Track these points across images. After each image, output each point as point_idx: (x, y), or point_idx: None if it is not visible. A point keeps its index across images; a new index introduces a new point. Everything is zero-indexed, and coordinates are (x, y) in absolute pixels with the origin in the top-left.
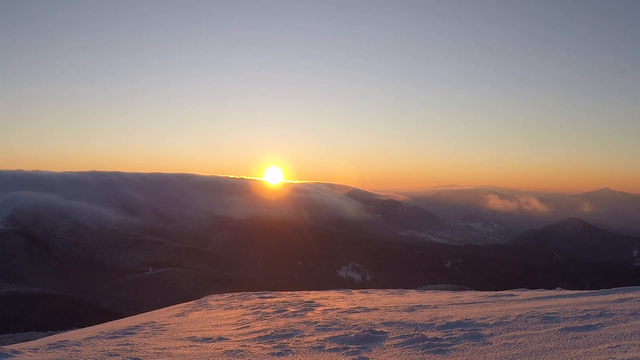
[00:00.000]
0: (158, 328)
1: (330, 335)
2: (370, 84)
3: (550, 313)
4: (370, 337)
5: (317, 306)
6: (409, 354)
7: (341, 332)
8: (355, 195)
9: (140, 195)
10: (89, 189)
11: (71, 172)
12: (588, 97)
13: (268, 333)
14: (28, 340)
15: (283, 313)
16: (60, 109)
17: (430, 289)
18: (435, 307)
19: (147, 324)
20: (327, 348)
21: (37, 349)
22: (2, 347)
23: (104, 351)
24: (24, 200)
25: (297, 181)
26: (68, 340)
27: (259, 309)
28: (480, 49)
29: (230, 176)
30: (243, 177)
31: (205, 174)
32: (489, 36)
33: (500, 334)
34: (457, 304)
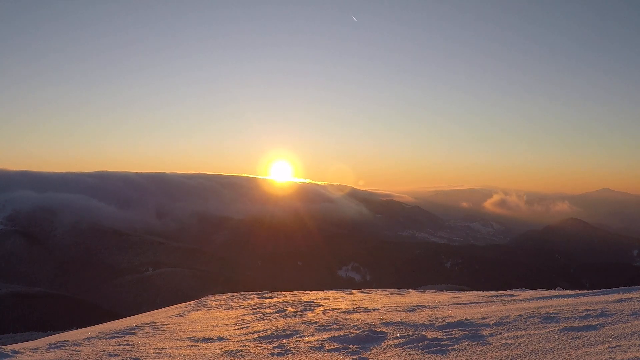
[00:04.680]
0: (158, 328)
1: (330, 335)
2: (372, 85)
3: (550, 313)
4: (370, 337)
5: (317, 306)
6: (409, 354)
7: (341, 332)
8: (356, 195)
9: (141, 195)
10: (90, 189)
11: (72, 172)
12: (587, 97)
13: (268, 333)
14: (28, 341)
15: (283, 313)
16: (62, 109)
17: (430, 289)
18: (435, 307)
19: (147, 324)
20: (327, 348)
21: (37, 349)
22: (2, 347)
23: (104, 351)
24: (25, 200)
25: (297, 180)
26: (68, 341)
27: (259, 309)
28: (480, 51)
29: (231, 174)
30: (244, 175)
31: (206, 172)
32: (489, 38)
33: (500, 334)
34: (457, 304)
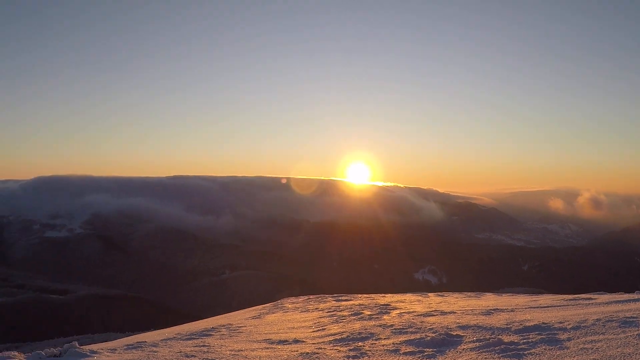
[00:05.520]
0: (234, 330)
1: (406, 339)
2: (451, 84)
3: (629, 317)
4: (446, 341)
5: (393, 309)
6: (485, 357)
7: (417, 336)
8: (431, 196)
9: (218, 199)
10: (167, 193)
11: (149, 177)
12: None
13: (344, 336)
14: (106, 341)
15: (359, 316)
16: (141, 113)
17: (507, 292)
18: (512, 310)
19: (223, 326)
20: (402, 351)
21: (115, 350)
22: (81, 347)
23: (180, 352)
24: (103, 204)
25: (374, 183)
26: (145, 341)
27: (335, 312)
28: (565, 44)
29: (307, 177)
30: (320, 177)
31: (283, 176)
32: (577, 30)
33: (578, 338)
34: (534, 307)
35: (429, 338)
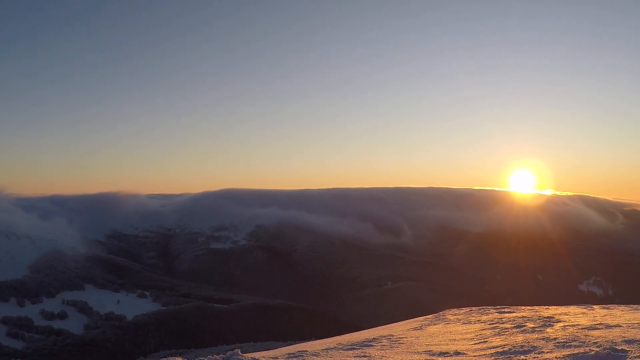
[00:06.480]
0: (395, 341)
1: (569, 353)
2: (615, 87)
3: None
4: (610, 356)
5: (556, 322)
6: None
7: (580, 350)
8: (596, 205)
9: (380, 210)
10: (329, 205)
11: (311, 189)
12: None
13: (505, 349)
14: (268, 350)
15: (522, 328)
16: (301, 129)
17: None
18: None
19: (385, 336)
20: None
21: (277, 358)
22: (244, 355)
23: None
24: (267, 217)
25: (537, 191)
26: (307, 351)
27: (497, 324)
28: None
29: (469, 187)
30: (482, 187)
31: (443, 186)
32: None
33: None
34: None
35: (592, 352)
